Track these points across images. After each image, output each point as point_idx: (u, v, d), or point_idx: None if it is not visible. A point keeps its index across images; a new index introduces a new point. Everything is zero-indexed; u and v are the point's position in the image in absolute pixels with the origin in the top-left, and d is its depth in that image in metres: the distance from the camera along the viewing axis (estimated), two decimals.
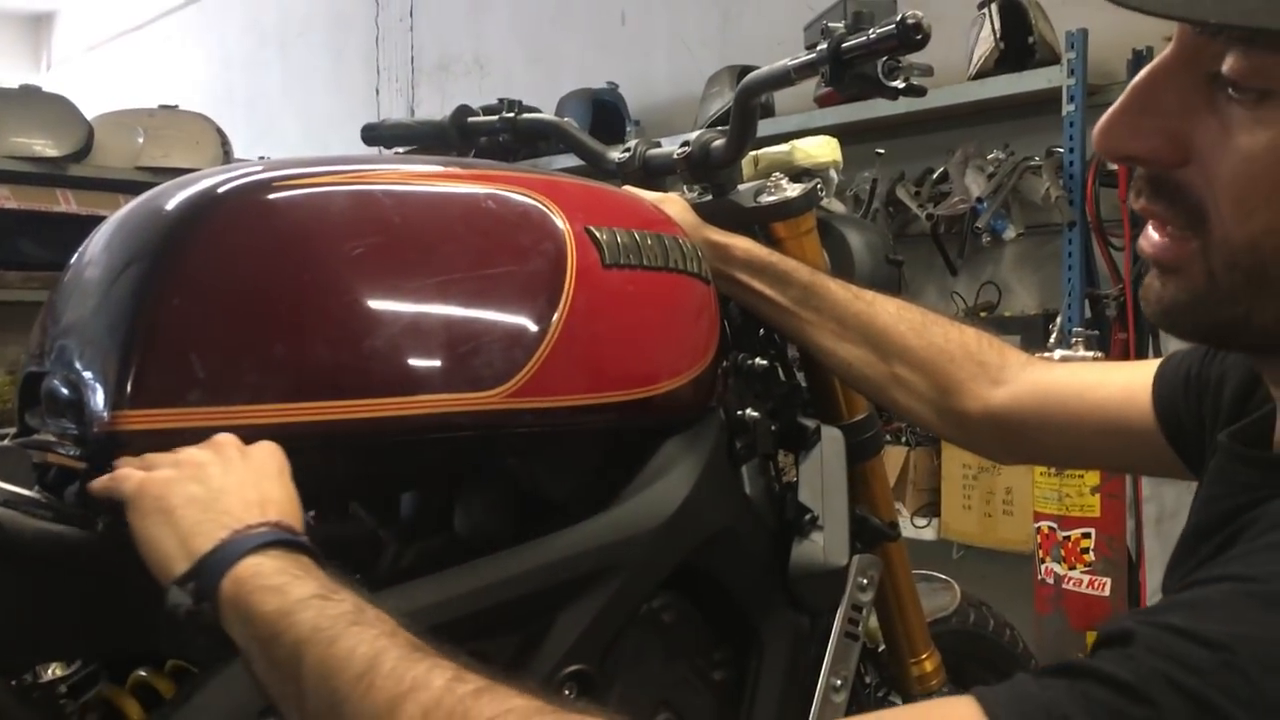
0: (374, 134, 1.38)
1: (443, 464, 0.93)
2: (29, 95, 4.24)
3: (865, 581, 1.07)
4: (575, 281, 0.90)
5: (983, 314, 3.15)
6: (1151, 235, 0.64)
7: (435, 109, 5.25)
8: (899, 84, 0.95)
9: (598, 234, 0.93)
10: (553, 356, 0.88)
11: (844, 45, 0.94)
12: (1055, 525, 2.23)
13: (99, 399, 0.78)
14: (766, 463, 1.11)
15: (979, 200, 2.92)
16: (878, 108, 3.03)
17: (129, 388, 0.78)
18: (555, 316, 0.89)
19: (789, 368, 1.18)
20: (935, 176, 3.18)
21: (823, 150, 1.21)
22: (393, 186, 0.89)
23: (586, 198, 0.97)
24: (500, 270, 0.89)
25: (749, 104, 1.10)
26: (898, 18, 0.90)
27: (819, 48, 0.97)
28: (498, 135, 1.31)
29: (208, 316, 0.80)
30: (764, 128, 3.60)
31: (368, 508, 1.00)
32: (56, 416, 0.83)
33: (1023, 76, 2.91)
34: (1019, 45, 2.89)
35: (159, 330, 0.79)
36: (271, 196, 0.84)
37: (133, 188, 4.20)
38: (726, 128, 1.15)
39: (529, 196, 0.92)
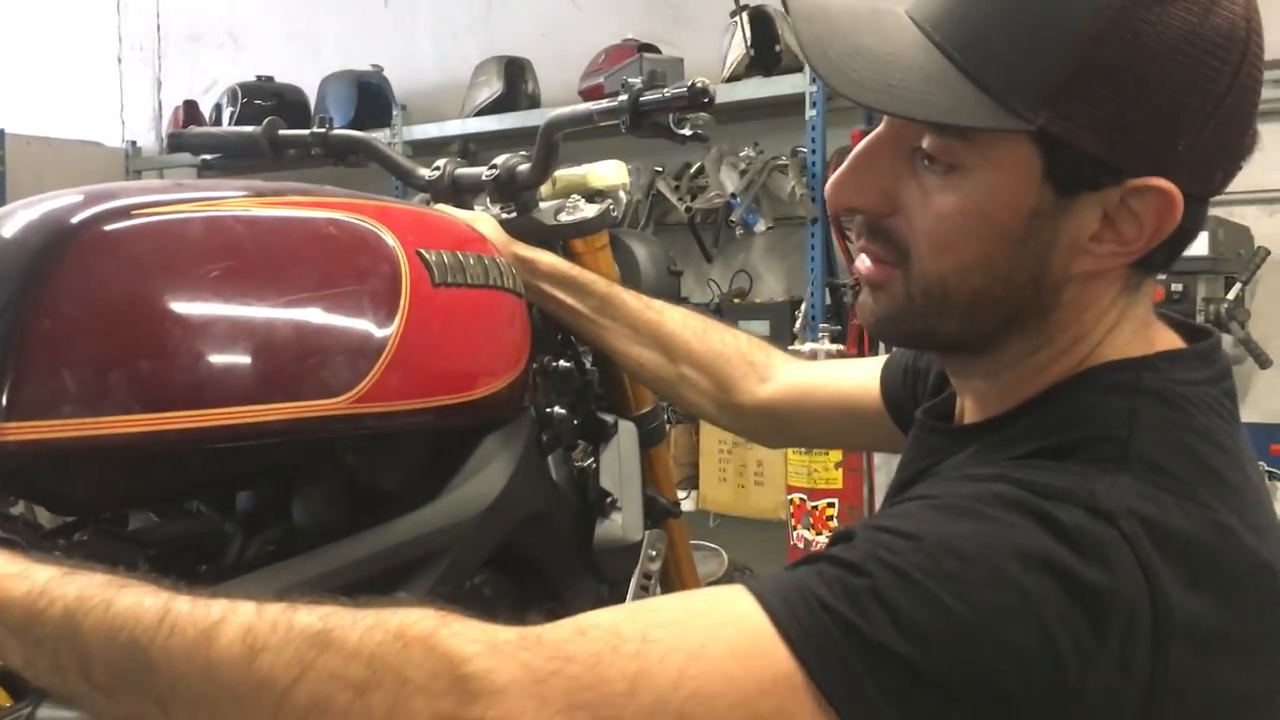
0: (181, 141, 1.43)
1: (289, 463, 1.02)
2: None
3: (654, 554, 1.24)
4: (409, 299, 1.02)
5: (736, 300, 3.42)
6: (865, 261, 0.81)
7: (185, 83, 5.08)
8: (686, 131, 1.12)
9: (427, 255, 1.05)
10: (391, 366, 0.99)
11: (641, 99, 1.10)
12: (805, 497, 2.51)
13: None
14: (568, 453, 1.27)
15: (733, 195, 3.16)
16: None
17: (4, 401, 0.84)
18: (392, 331, 1.00)
19: (583, 367, 1.34)
20: (693, 171, 3.40)
21: (613, 174, 1.36)
22: (242, 212, 0.97)
23: (415, 222, 1.09)
24: (343, 290, 0.99)
25: (552, 137, 1.24)
26: (689, 82, 1.06)
27: (620, 98, 1.12)
28: (309, 149, 1.39)
29: (77, 335, 0.86)
30: (532, 117, 3.73)
31: (208, 504, 1.08)
32: None
33: (771, 81, 3.17)
34: (767, 52, 3.14)
35: (32, 349, 0.85)
36: (131, 223, 0.91)
37: None
38: (528, 153, 1.28)
39: (365, 221, 1.03)
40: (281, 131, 1.41)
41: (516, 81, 3.75)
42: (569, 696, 0.61)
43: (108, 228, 0.90)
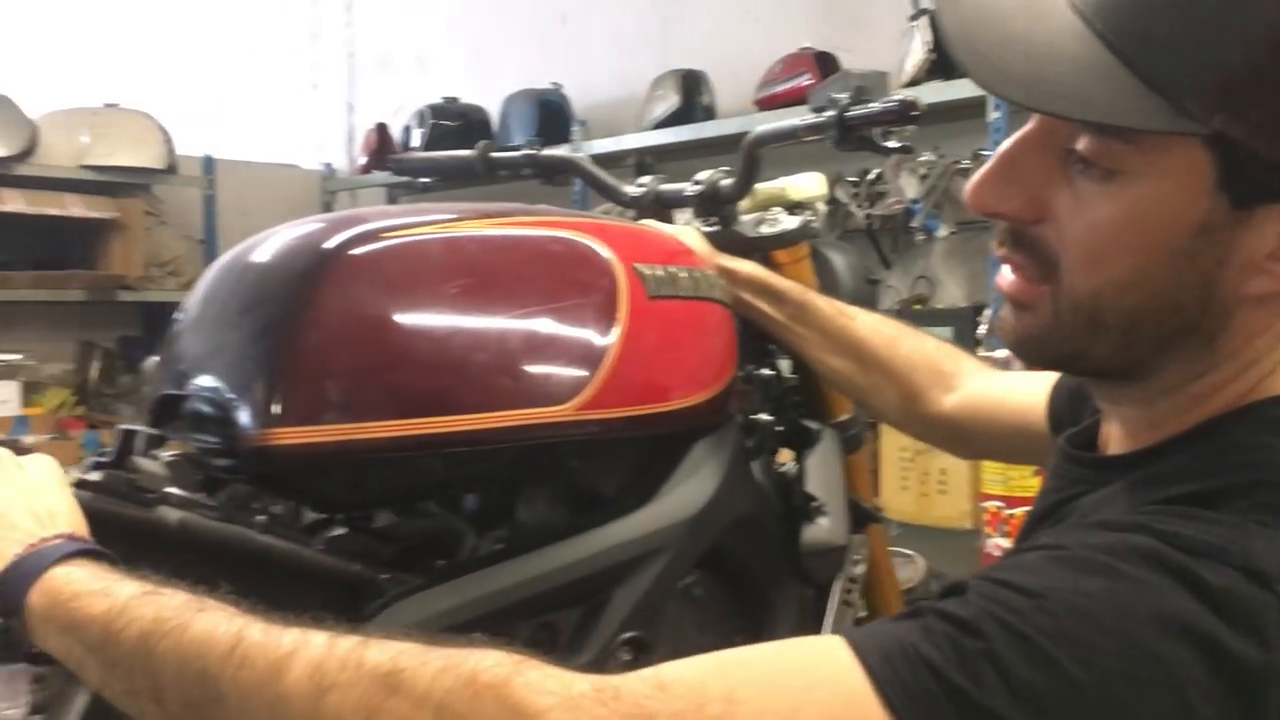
0: (402, 165, 1.53)
1: (516, 466, 1.09)
2: None
3: (858, 558, 1.26)
4: (628, 311, 1.07)
5: (916, 306, 3.39)
6: (1008, 275, 0.74)
7: (375, 107, 5.33)
8: (893, 144, 1.14)
9: (642, 269, 1.10)
10: (611, 376, 1.05)
11: (848, 114, 1.13)
12: (1002, 505, 2.48)
13: (248, 419, 0.93)
14: (770, 458, 1.31)
15: (914, 201, 3.14)
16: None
17: (276, 409, 0.93)
18: (613, 341, 1.06)
19: (782, 375, 1.37)
20: (872, 177, 3.39)
21: (812, 186, 1.40)
22: (476, 233, 1.05)
23: (630, 237, 1.15)
24: (567, 303, 1.05)
25: (755, 152, 1.28)
26: (899, 97, 1.09)
27: (826, 113, 1.16)
28: (519, 169, 1.47)
29: (338, 349, 0.95)
30: (708, 129, 3.78)
31: (440, 504, 1.16)
32: (201, 432, 0.97)
33: (951, 84, 3.13)
34: (948, 55, 3.11)
35: (300, 362, 0.94)
36: (381, 245, 1.00)
37: (79, 186, 4.25)
38: (730, 169, 1.33)
39: (586, 238, 1.09)
40: (494, 154, 1.49)
41: (692, 94, 3.81)
42: None
43: (361, 250, 0.99)
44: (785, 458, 1.37)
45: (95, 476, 0.86)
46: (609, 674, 0.62)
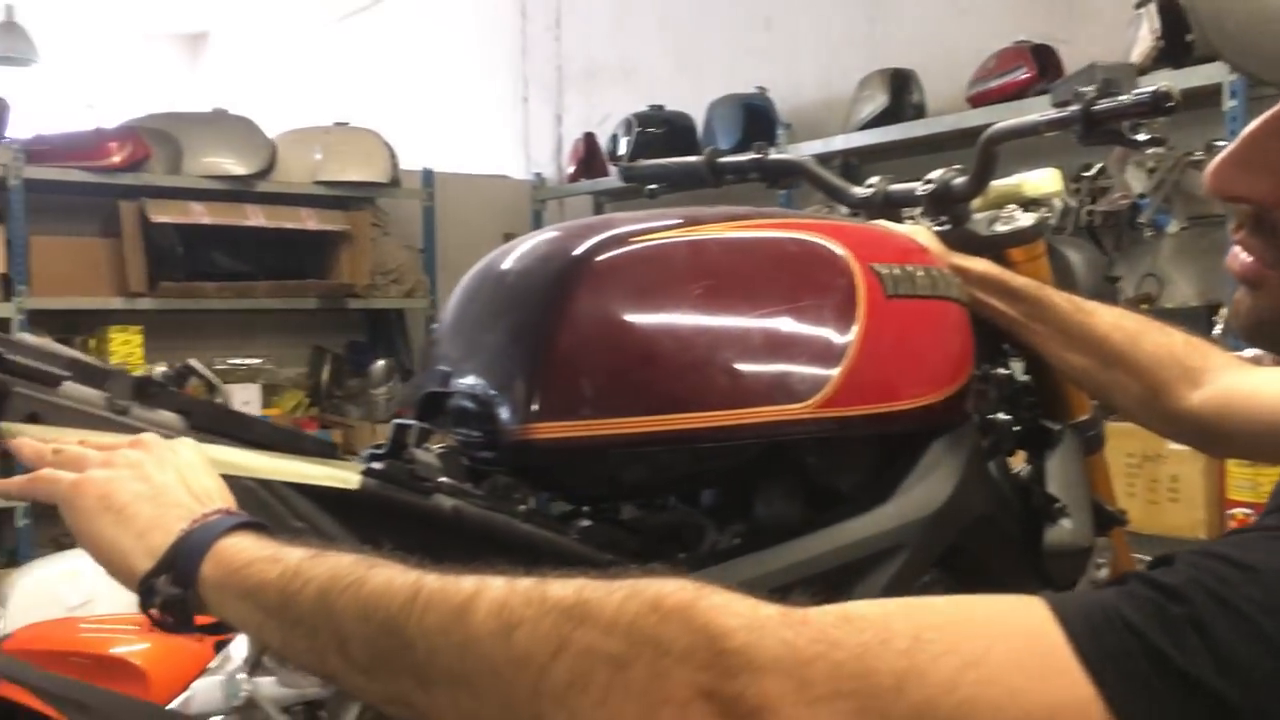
0: (631, 172, 1.58)
1: (756, 462, 1.12)
2: (218, 118, 4.59)
3: (1101, 561, 1.23)
4: (865, 310, 1.08)
5: (1143, 305, 3.24)
6: (1240, 256, 0.72)
7: (583, 116, 5.48)
8: (1142, 137, 1.11)
9: (879, 268, 1.11)
10: (851, 374, 1.06)
11: (1095, 108, 1.11)
12: (1250, 511, 2.34)
13: (509, 414, 0.99)
14: (1005, 459, 1.29)
15: (1141, 195, 3.01)
16: (1030, 108, 3.14)
17: (535, 405, 0.98)
18: (851, 340, 1.07)
19: (1015, 375, 1.35)
20: (1092, 173, 3.26)
21: (1048, 183, 1.37)
22: (718, 235, 1.09)
23: (865, 237, 1.16)
24: (806, 303, 1.07)
25: (992, 149, 1.27)
26: (1152, 88, 1.06)
27: (1071, 107, 1.13)
28: (746, 173, 1.49)
29: (591, 348, 1.00)
30: (917, 128, 3.72)
31: (680, 498, 1.20)
32: (464, 426, 1.04)
33: (1182, 73, 2.98)
34: (1177, 43, 2.96)
35: (555, 360, 1.00)
36: (629, 249, 1.04)
37: (313, 201, 4.53)
38: (962, 167, 1.32)
39: (823, 239, 1.11)
40: (721, 159, 1.52)
41: (901, 93, 3.76)
42: (833, 683, 0.56)
43: (611, 254, 1.03)
44: (1018, 460, 1.35)
45: (379, 466, 0.93)
46: None
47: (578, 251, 1.03)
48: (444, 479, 0.96)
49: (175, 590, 0.74)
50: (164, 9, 7.88)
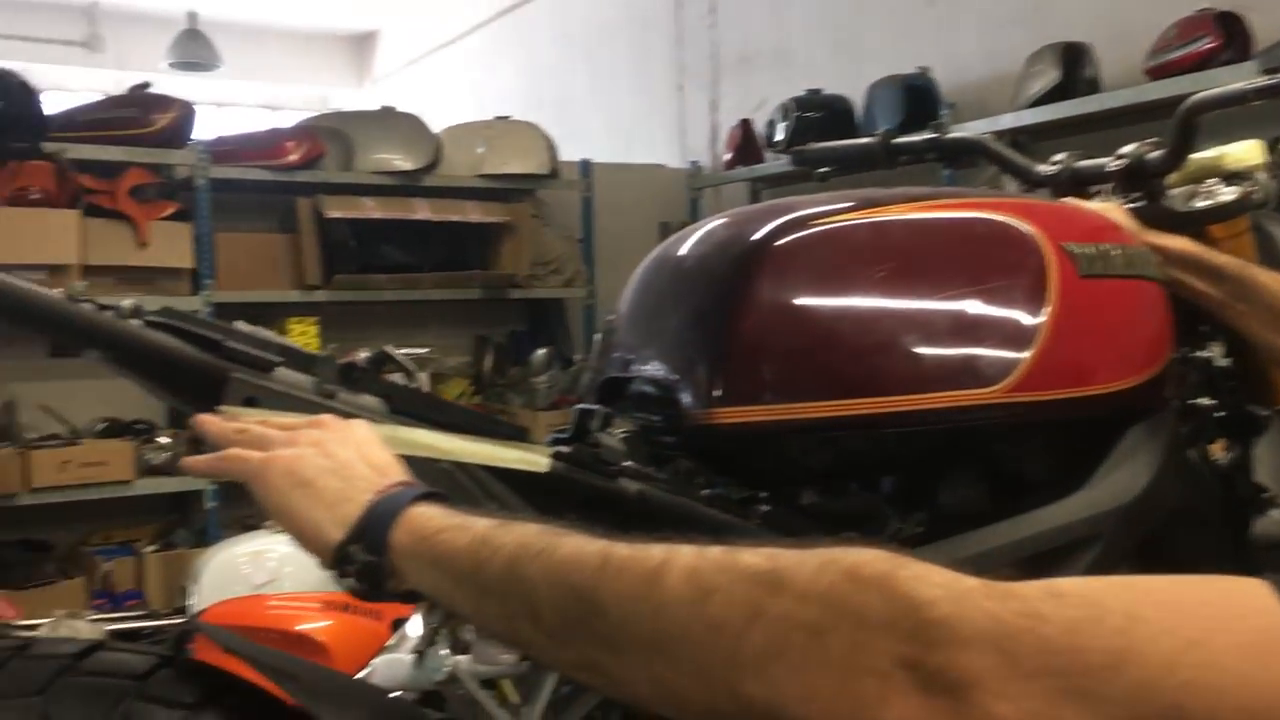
0: (803, 155, 1.56)
1: (940, 448, 1.09)
2: (386, 115, 4.75)
3: None
4: (1057, 291, 1.04)
5: None
6: None
7: (738, 103, 5.45)
8: None
9: (1071, 248, 1.07)
10: (1041, 357, 1.03)
11: None
12: None
13: (692, 399, 0.99)
14: (1206, 447, 1.22)
15: None
16: (1216, 79, 2.97)
17: (717, 390, 0.98)
18: (1042, 322, 1.03)
19: (1217, 358, 1.28)
20: None
21: (1251, 154, 1.29)
22: (900, 216, 1.06)
23: (1055, 215, 1.11)
24: (994, 284, 1.04)
25: (1193, 121, 1.20)
26: None
27: None
28: (923, 153, 1.46)
29: (774, 332, 0.99)
30: (1091, 103, 3.55)
31: (861, 485, 1.18)
32: (645, 411, 1.05)
33: None
34: None
35: (737, 345, 0.99)
36: (811, 231, 1.03)
37: (477, 194, 4.64)
38: (1157, 140, 1.26)
39: (1010, 218, 1.07)
40: (896, 140, 1.49)
41: (1074, 67, 3.61)
42: (1040, 659, 0.54)
43: (793, 237, 1.02)
44: (1218, 448, 1.28)
45: (567, 449, 0.94)
46: None
47: (758, 236, 1.03)
48: (628, 463, 0.97)
49: (369, 557, 0.76)
50: (335, 10, 8.19)
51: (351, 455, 0.82)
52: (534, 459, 0.91)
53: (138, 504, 3.97)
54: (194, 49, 6.74)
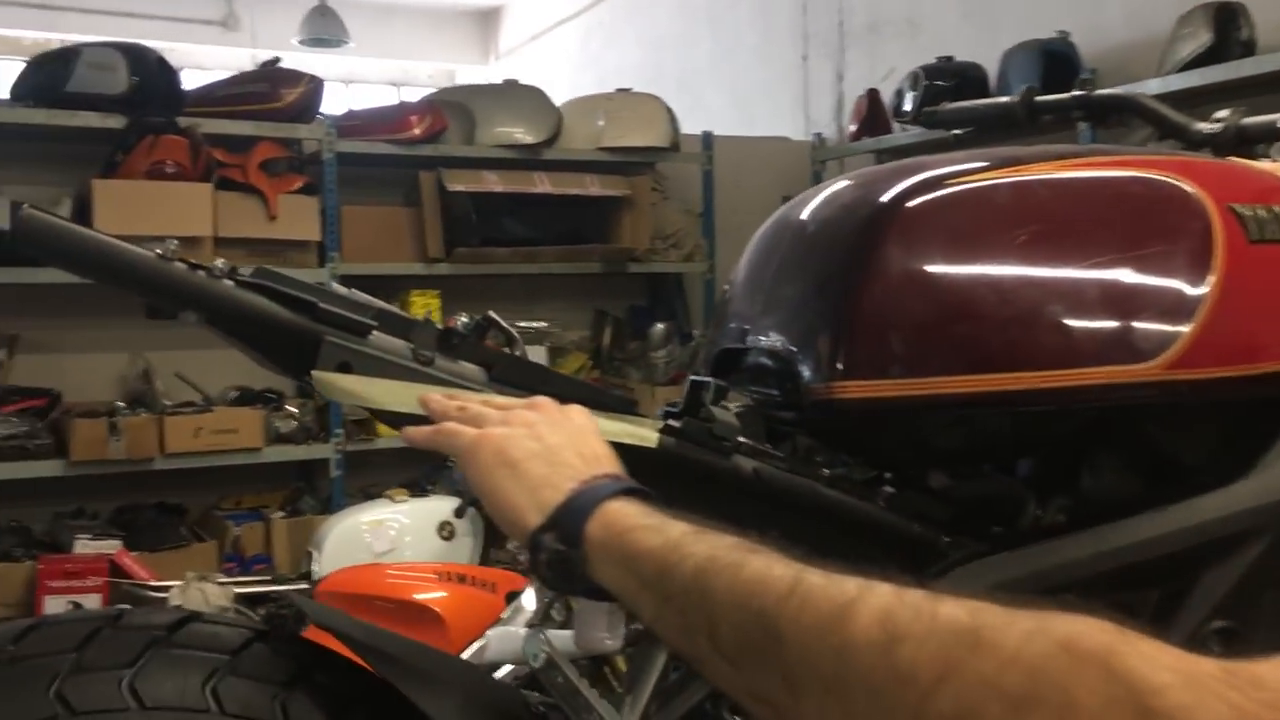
0: (936, 117, 1.47)
1: (1085, 430, 1.00)
2: (508, 88, 4.75)
3: None
4: (1223, 258, 0.94)
5: None
6: None
7: (865, 73, 5.30)
8: None
9: (1240, 210, 0.96)
10: (1205, 331, 0.93)
11: None
12: None
13: (812, 372, 0.92)
14: None
15: None
16: None
17: (840, 363, 0.91)
18: (1206, 292, 0.93)
19: None
20: None
21: None
22: (1045, 176, 0.97)
23: (1221, 175, 1.01)
24: (1151, 250, 0.94)
25: None
26: None
27: None
28: (1068, 112, 1.35)
29: (902, 301, 0.92)
30: (1246, 66, 3.35)
31: (995, 467, 1.09)
32: (762, 385, 0.98)
33: None
34: None
35: (861, 313, 0.92)
36: (944, 193, 0.95)
37: (597, 167, 4.61)
38: None
39: (1170, 178, 0.97)
40: (1038, 98, 1.39)
41: (1228, 29, 3.39)
42: None
43: (925, 198, 0.94)
44: None
45: (677, 424, 0.89)
46: None
47: (886, 197, 0.95)
48: (743, 439, 0.91)
49: (560, 548, 0.74)
50: None
51: (562, 441, 0.81)
52: (642, 433, 0.86)
53: (266, 471, 4.07)
54: (323, 25, 6.87)
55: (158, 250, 0.76)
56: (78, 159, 3.83)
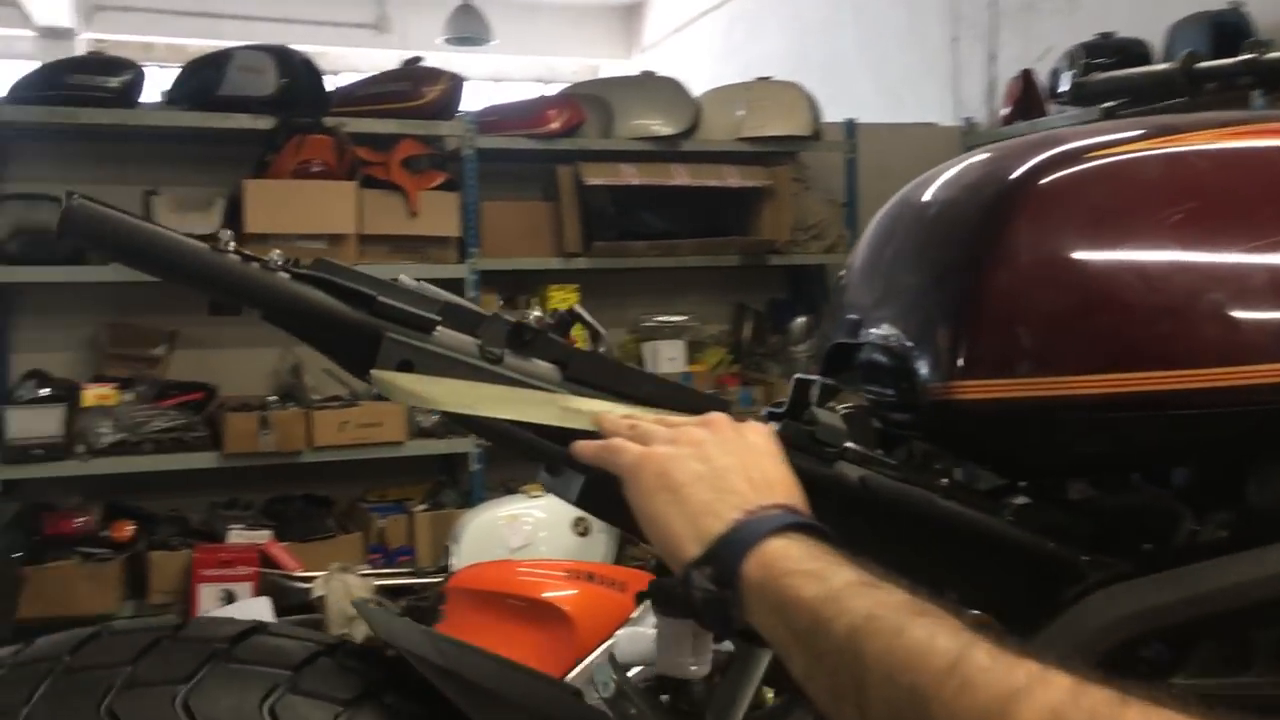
0: (1085, 89, 1.35)
1: (1257, 434, 0.88)
2: (646, 80, 4.70)
3: None
4: None
5: None
6: None
7: (1018, 54, 5.06)
8: None
9: None
10: None
11: None
12: None
13: (929, 370, 0.83)
14: None
15: None
16: None
17: (961, 359, 0.81)
18: None
19: None
20: None
21: None
22: (1204, 146, 0.85)
23: None
24: None
25: None
26: None
27: None
28: (1234, 79, 1.21)
29: (1033, 288, 0.82)
30: None
31: (1146, 477, 0.97)
32: (876, 384, 0.89)
33: None
34: None
35: (987, 303, 0.82)
36: (1085, 167, 0.84)
37: (736, 158, 4.52)
38: None
39: None
40: (1200, 64, 1.25)
41: None
42: None
43: (1061, 173, 0.84)
44: None
45: (775, 426, 0.81)
46: None
47: (1017, 173, 0.85)
48: (850, 444, 0.82)
49: (710, 586, 0.67)
50: None
51: (731, 464, 0.73)
52: None
53: (409, 464, 4.13)
54: (467, 24, 6.96)
55: (214, 241, 0.73)
56: (230, 160, 3.95)
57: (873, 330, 0.90)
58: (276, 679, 0.72)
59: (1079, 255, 0.81)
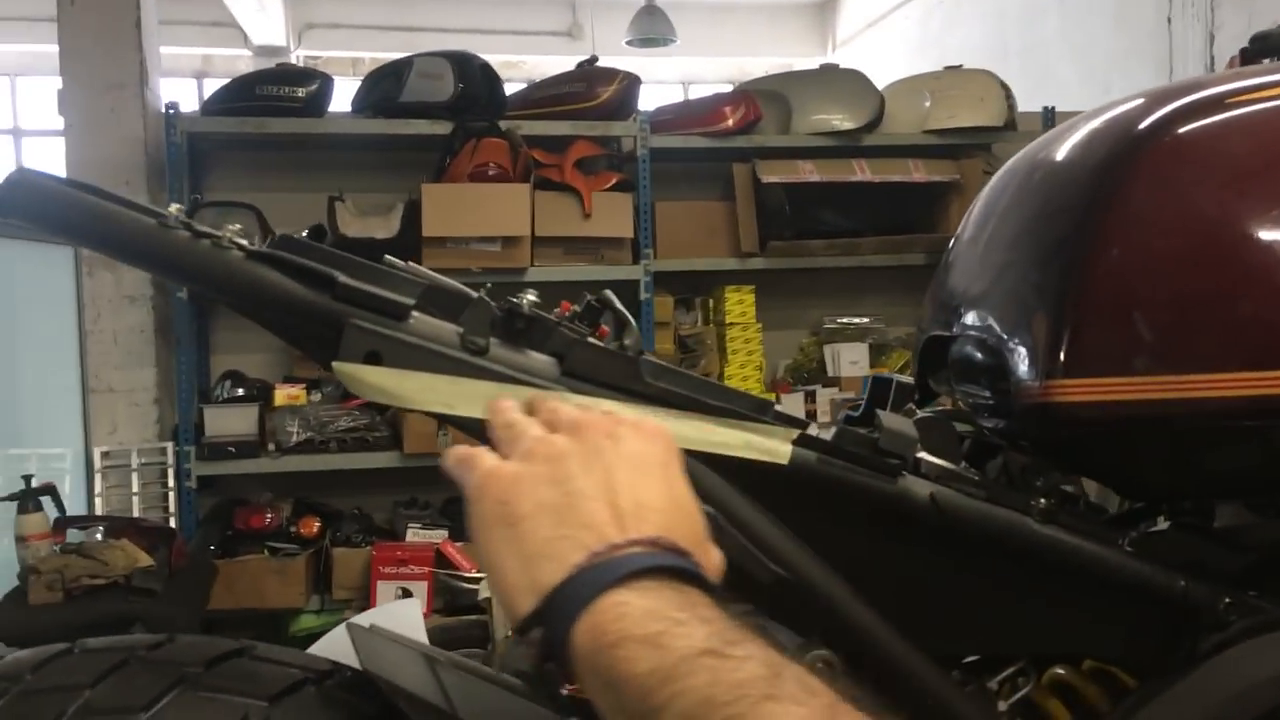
0: (1267, 42, 1.15)
1: None
2: (826, 73, 4.54)
3: None
4: None
5: None
6: None
7: (1241, 33, 4.63)
8: None
9: None
10: None
11: None
12: None
13: (1026, 367, 0.69)
14: None
15: None
16: None
17: (1062, 355, 0.67)
18: None
19: None
20: None
21: None
22: None
23: None
24: None
25: None
26: None
27: None
28: None
29: (1150, 271, 0.67)
30: None
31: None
32: (969, 383, 0.76)
33: None
34: None
35: (1094, 291, 0.68)
36: (1218, 118, 0.68)
37: (921, 151, 4.30)
38: None
39: None
40: None
41: None
42: None
43: (1194, 126, 0.69)
44: None
45: (816, 433, 0.68)
46: None
47: (1142, 126, 0.70)
48: (924, 455, 0.68)
49: (540, 654, 0.53)
50: None
51: (592, 485, 0.57)
52: (771, 446, 0.66)
53: None
54: (651, 25, 6.94)
55: (167, 215, 0.66)
56: (411, 165, 4.03)
57: (967, 320, 0.76)
58: (246, 710, 0.65)
59: (1210, 227, 0.66)
